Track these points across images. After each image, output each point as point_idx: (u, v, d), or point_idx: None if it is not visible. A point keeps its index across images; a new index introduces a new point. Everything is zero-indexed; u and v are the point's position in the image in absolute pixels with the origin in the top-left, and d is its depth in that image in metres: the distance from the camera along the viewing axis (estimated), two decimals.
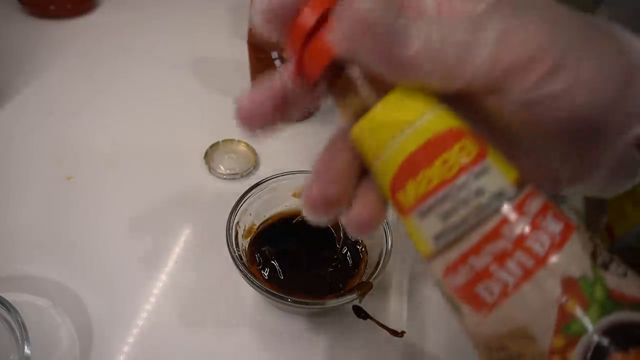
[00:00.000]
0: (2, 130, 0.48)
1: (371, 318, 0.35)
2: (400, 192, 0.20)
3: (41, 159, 0.46)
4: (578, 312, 0.17)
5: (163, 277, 0.38)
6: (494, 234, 0.18)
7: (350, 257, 0.37)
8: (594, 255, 0.18)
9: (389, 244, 0.35)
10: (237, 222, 0.36)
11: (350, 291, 0.33)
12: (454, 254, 0.19)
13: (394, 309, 0.37)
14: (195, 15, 0.66)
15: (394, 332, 0.35)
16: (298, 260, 0.36)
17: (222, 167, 0.46)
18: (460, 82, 0.19)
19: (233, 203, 0.36)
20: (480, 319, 0.18)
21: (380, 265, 0.34)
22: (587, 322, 0.17)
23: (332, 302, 0.32)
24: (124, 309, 0.36)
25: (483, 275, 0.18)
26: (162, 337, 0.35)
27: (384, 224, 0.36)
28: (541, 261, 0.18)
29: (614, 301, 0.17)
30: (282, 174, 0.39)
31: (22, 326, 0.30)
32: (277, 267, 0.36)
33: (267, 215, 0.39)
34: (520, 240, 0.18)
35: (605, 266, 0.18)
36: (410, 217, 0.20)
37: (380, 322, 0.35)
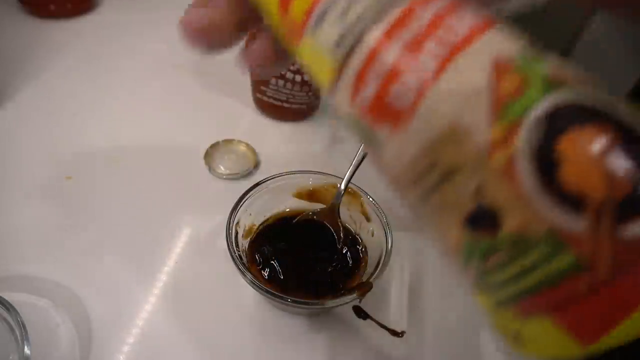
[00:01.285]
0: (1, 130, 0.48)
1: (371, 318, 0.35)
2: (291, 4, 0.17)
3: (41, 158, 0.46)
4: (516, 92, 0.13)
5: (163, 277, 0.38)
6: (403, 20, 0.15)
7: (350, 257, 0.37)
8: (528, 42, 0.15)
9: (389, 244, 0.35)
10: (237, 222, 0.36)
11: (350, 291, 0.33)
12: (358, 59, 0.15)
13: (394, 309, 0.37)
14: None
15: (394, 332, 0.35)
16: (298, 260, 0.36)
17: (222, 167, 0.46)
18: None
19: (233, 203, 0.36)
20: (400, 139, 0.15)
21: (380, 265, 0.34)
22: (529, 102, 0.13)
23: (332, 302, 0.32)
24: (124, 309, 0.36)
25: (394, 74, 0.15)
26: (162, 337, 0.35)
27: (383, 223, 0.36)
28: (465, 40, 0.14)
29: (555, 81, 0.14)
30: (282, 174, 0.39)
31: (22, 326, 0.29)
32: (277, 267, 0.36)
33: (267, 215, 0.39)
34: (436, 21, 0.14)
35: (541, 53, 0.15)
36: (306, 35, 0.17)
37: (380, 322, 0.35)
